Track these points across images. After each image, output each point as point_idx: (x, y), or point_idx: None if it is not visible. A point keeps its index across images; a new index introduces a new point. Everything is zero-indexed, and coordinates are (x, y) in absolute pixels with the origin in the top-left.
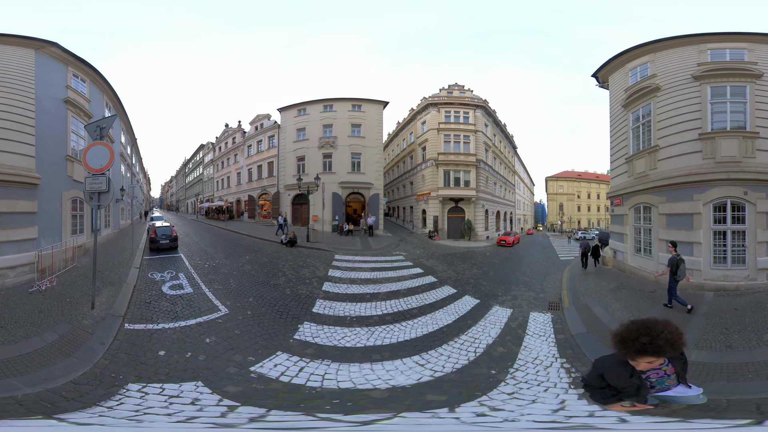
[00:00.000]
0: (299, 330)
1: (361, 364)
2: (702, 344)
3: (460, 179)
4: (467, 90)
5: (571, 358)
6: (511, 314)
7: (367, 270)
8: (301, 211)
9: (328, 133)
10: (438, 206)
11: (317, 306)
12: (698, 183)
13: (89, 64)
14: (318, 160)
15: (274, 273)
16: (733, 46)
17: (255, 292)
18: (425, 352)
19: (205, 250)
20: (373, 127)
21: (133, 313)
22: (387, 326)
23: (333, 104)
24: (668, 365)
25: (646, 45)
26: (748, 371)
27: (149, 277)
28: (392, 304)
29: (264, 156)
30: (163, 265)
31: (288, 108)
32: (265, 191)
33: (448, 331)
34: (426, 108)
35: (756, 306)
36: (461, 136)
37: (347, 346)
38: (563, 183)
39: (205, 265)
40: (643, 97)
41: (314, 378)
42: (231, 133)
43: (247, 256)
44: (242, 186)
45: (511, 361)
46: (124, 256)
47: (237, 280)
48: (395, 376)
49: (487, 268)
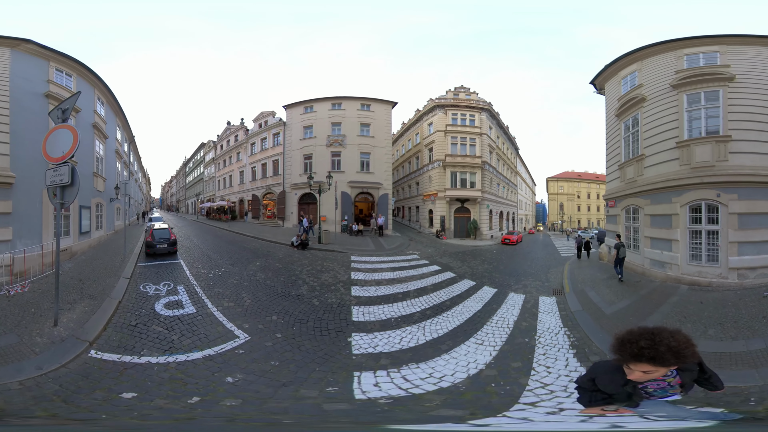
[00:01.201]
0: (353, 344)
1: (441, 357)
2: (668, 324)
3: (467, 180)
4: (473, 92)
5: (571, 328)
6: (525, 299)
7: (388, 270)
8: (309, 211)
9: (337, 132)
10: (445, 206)
11: (355, 314)
12: (675, 188)
13: (73, 59)
14: (326, 159)
15: (292, 281)
16: (706, 49)
17: (277, 307)
18: (475, 333)
19: (209, 256)
20: (381, 127)
21: (110, 338)
22: (431, 320)
23: (342, 102)
24: (675, 377)
25: (634, 52)
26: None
27: (141, 290)
28: (425, 300)
29: (268, 154)
30: (159, 275)
31: (294, 105)
32: (270, 190)
33: (481, 315)
34: (433, 109)
35: (719, 303)
36: (467, 139)
37: (412, 346)
38: (563, 183)
39: (209, 274)
40: (632, 107)
41: (426, 382)
42: (233, 131)
43: (257, 262)
44: (245, 185)
45: (533, 332)
46: (114, 262)
47: (251, 293)
48: (476, 356)
49: (497, 263)
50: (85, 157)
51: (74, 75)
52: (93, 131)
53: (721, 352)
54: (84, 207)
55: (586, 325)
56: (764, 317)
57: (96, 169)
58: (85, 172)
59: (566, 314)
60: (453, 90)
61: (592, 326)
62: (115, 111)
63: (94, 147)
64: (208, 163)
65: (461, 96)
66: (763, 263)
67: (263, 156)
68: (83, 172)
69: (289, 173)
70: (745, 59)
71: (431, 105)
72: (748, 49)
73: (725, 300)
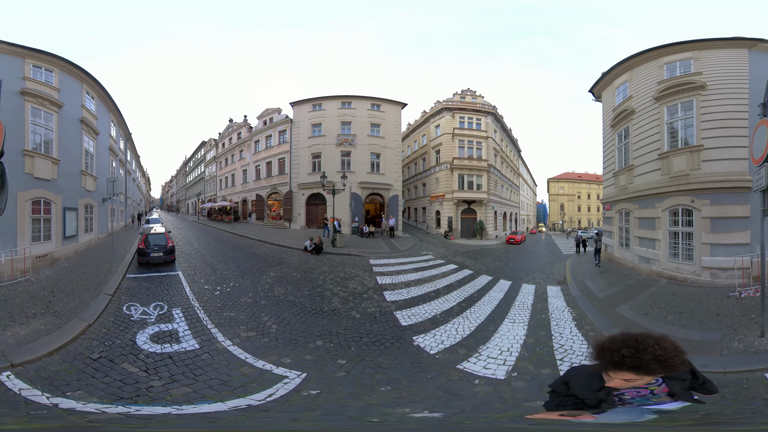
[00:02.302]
0: (423, 346)
1: (495, 336)
2: (635, 307)
3: (473, 183)
4: (479, 96)
5: (573, 307)
6: (536, 288)
7: (411, 271)
8: (317, 212)
9: (347, 131)
10: (452, 208)
11: (401, 318)
12: (658, 195)
13: (52, 54)
14: (336, 158)
15: (319, 294)
16: (681, 57)
17: (315, 329)
18: (507, 315)
19: (212, 265)
20: (392, 128)
21: (48, 367)
22: (468, 310)
23: (352, 101)
24: (660, 385)
25: (624, 62)
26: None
27: (123, 312)
28: (456, 295)
29: (274, 152)
30: (151, 292)
31: (302, 102)
32: (276, 190)
33: (504, 302)
34: (440, 112)
35: (688, 296)
36: (474, 142)
37: (469, 333)
38: (564, 184)
39: (214, 292)
40: (623, 119)
41: (504, 356)
42: (236, 128)
43: (271, 273)
44: (249, 184)
45: (546, 311)
46: (100, 272)
47: (274, 314)
48: (516, 331)
49: (506, 260)
50: (71, 153)
51: (56, 70)
52: (81, 127)
53: (668, 334)
54: (69, 209)
55: (583, 305)
56: (717, 315)
57: (85, 166)
58: (71, 171)
59: (569, 298)
60: (460, 93)
61: (588, 306)
62: (109, 107)
63: (82, 143)
64: (209, 162)
65: (468, 99)
66: (733, 265)
67: (268, 154)
68: (69, 170)
69: (297, 172)
70: (715, 64)
71: (439, 107)
72: (718, 53)
73: (693, 294)
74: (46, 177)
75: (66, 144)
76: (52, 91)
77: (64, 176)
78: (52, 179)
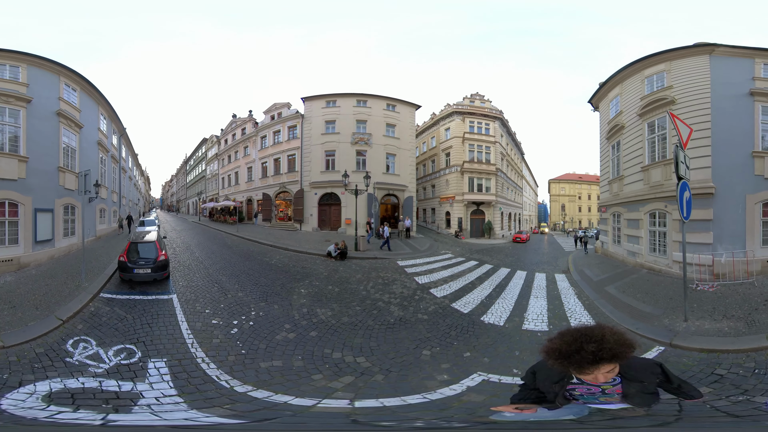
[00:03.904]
0: (491, 323)
1: (529, 308)
2: (618, 288)
3: (482, 185)
4: (487, 100)
5: (575, 287)
6: (546, 275)
7: (442, 269)
8: (330, 213)
9: (362, 130)
10: (462, 209)
11: (461, 308)
12: (641, 201)
13: (17, 51)
14: (351, 157)
15: (372, 305)
16: (656, 69)
17: (405, 343)
18: (530, 294)
19: (220, 283)
20: (406, 129)
21: None
22: (502, 294)
23: (367, 100)
24: (616, 385)
25: (616, 75)
26: (620, 303)
27: (63, 347)
28: (488, 284)
29: (283, 148)
30: (125, 325)
31: (314, 98)
32: (285, 188)
33: (526, 286)
34: (450, 115)
35: (657, 283)
36: (483, 147)
37: (512, 308)
38: (565, 185)
39: (230, 330)
40: (615, 134)
41: (547, 318)
42: (240, 124)
43: (302, 289)
44: (254, 182)
45: (557, 290)
46: (68, 286)
47: (343, 345)
48: (541, 304)
49: (517, 256)
50: (44, 149)
51: (23, 66)
52: (58, 120)
53: (632, 306)
54: (42, 210)
55: (583, 286)
56: (670, 299)
57: (63, 163)
58: (45, 168)
59: (572, 281)
60: (469, 97)
61: (586, 286)
62: (97, 100)
63: (59, 138)
64: (210, 160)
65: (477, 103)
66: (698, 261)
67: (276, 150)
68: (42, 168)
69: (308, 170)
70: (683, 75)
71: (449, 111)
72: (684, 62)
73: (662, 282)
74: (11, 177)
75: (38, 140)
76: (18, 86)
77: (36, 174)
78: (20, 178)
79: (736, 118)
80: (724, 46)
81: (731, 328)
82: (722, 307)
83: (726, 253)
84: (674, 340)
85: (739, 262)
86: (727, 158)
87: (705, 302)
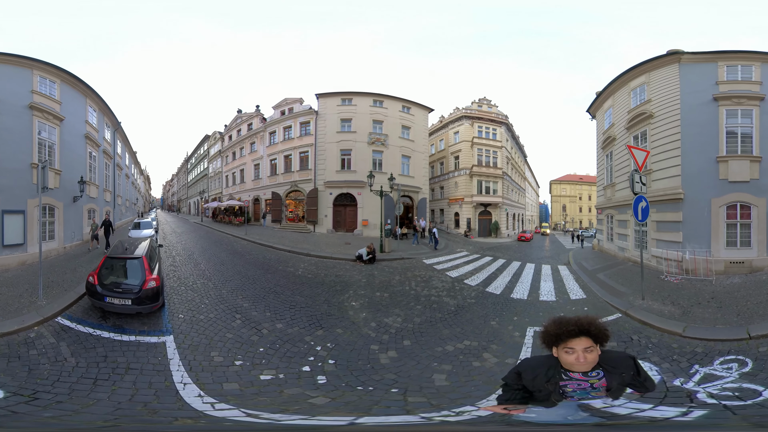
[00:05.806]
0: (517, 298)
1: (541, 289)
2: (607, 275)
3: (490, 188)
4: (493, 105)
5: (574, 274)
6: (551, 267)
7: (464, 264)
8: (345, 214)
9: (379, 130)
10: (471, 210)
11: (493, 291)
12: (628, 204)
13: None
14: (367, 157)
15: (427, 301)
16: (639, 82)
17: (482, 328)
18: (541, 280)
19: (243, 311)
20: (420, 131)
21: None
22: (519, 281)
23: (383, 101)
24: (601, 378)
25: (609, 87)
26: (605, 285)
27: None
28: (507, 273)
29: (294, 144)
30: (61, 373)
31: (329, 95)
32: (297, 187)
33: (536, 275)
34: (459, 119)
35: (635, 273)
36: (490, 151)
37: (529, 289)
38: (566, 186)
39: (310, 381)
40: (609, 145)
41: (553, 296)
42: (246, 119)
43: (351, 302)
44: (262, 181)
45: (560, 277)
46: (22, 302)
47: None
48: (551, 286)
49: (524, 253)
50: (13, 145)
51: None
52: (31, 114)
53: (613, 287)
54: (10, 212)
55: (580, 273)
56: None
57: (37, 159)
58: (13, 166)
59: (572, 270)
60: (477, 101)
61: (582, 274)
62: (83, 92)
63: (33, 132)
64: (213, 157)
65: (484, 108)
66: (669, 256)
67: (287, 146)
68: (9, 166)
69: (323, 168)
70: (658, 87)
71: (458, 114)
72: (659, 73)
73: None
74: None
75: (5, 136)
76: None
77: (2, 174)
78: None
79: (703, 125)
80: (689, 53)
81: (670, 312)
82: (675, 296)
83: (689, 252)
84: (629, 311)
85: (702, 260)
86: (695, 165)
87: (665, 290)
